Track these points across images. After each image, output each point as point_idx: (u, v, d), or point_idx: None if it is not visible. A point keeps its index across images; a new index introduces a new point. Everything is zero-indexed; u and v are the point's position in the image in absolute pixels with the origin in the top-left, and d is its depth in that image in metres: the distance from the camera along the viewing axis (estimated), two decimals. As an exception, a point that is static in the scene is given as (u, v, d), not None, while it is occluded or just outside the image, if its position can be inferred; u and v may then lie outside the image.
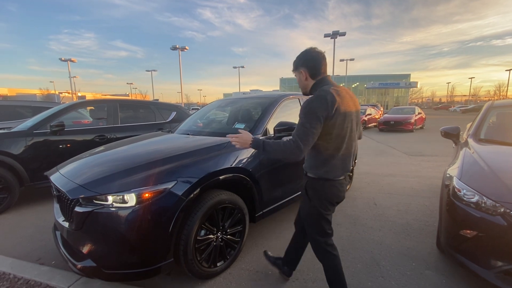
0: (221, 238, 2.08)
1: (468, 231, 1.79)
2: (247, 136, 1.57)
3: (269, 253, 2.19)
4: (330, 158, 1.49)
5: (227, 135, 1.72)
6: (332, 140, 1.46)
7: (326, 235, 1.62)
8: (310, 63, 1.56)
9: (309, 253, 2.39)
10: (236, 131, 2.70)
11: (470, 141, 2.68)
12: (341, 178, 1.56)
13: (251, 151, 2.35)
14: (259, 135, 2.51)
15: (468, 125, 3.44)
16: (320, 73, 1.56)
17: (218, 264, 2.08)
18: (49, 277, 2.02)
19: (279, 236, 2.72)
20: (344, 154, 1.52)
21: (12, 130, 3.68)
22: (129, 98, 35.23)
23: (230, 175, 2.15)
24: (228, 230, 2.15)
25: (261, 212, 2.48)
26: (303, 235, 1.87)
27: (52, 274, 2.07)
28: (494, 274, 1.67)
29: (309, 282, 2.02)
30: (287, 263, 2.01)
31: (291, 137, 1.43)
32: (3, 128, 3.99)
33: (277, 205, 2.66)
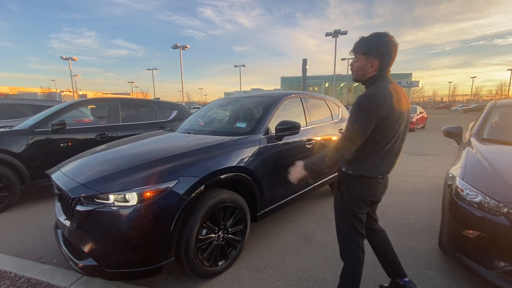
0: (222, 237, 2.08)
1: (470, 231, 1.78)
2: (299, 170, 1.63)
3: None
4: (372, 156, 1.44)
5: None
6: (380, 139, 1.40)
7: (357, 233, 1.55)
8: (386, 57, 1.40)
9: (310, 252, 2.40)
10: (237, 130, 2.72)
11: (473, 140, 2.67)
12: (379, 177, 1.50)
13: (252, 150, 2.34)
14: (261, 134, 2.50)
15: (471, 124, 3.42)
16: (388, 68, 1.44)
17: (219, 263, 2.07)
18: (51, 276, 2.02)
19: (280, 236, 2.72)
20: (388, 154, 1.45)
21: (13, 129, 3.68)
22: (130, 96, 35.26)
23: (232, 174, 2.14)
24: (230, 229, 2.14)
25: (263, 211, 2.47)
26: (377, 243, 1.79)
27: (53, 273, 2.07)
28: (497, 275, 1.66)
29: (311, 281, 2.01)
30: (392, 274, 1.77)
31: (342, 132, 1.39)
32: (5, 127, 3.99)
33: (278, 204, 2.65)
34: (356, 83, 1.62)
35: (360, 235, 1.57)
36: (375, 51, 1.40)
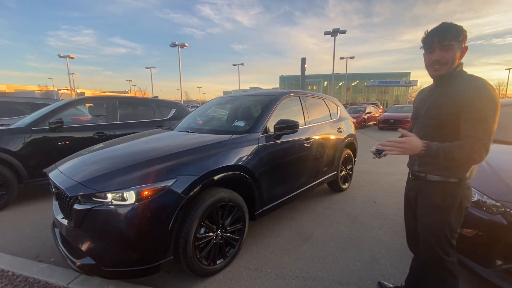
0: (220, 236, 2.08)
1: (468, 230, 1.79)
2: (416, 142, 1.22)
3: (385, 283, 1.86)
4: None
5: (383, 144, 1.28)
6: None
7: (453, 253, 1.37)
8: (465, 43, 1.28)
9: (308, 251, 2.40)
10: (236, 129, 2.72)
11: (471, 139, 2.67)
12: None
13: (251, 149, 2.34)
14: (259, 133, 2.50)
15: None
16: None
17: (217, 262, 2.07)
18: (48, 275, 2.02)
19: (279, 234, 2.72)
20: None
21: (10, 127, 3.66)
22: (128, 95, 35.13)
23: (230, 173, 2.14)
24: (228, 228, 2.14)
25: (261, 210, 2.47)
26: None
27: (51, 272, 2.06)
28: (494, 273, 1.67)
29: (309, 280, 2.02)
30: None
31: (470, 138, 1.20)
32: (2, 125, 3.96)
33: (277, 203, 2.65)
34: (355, 82, 1.60)
35: (454, 250, 1.38)
36: (465, 35, 1.26)
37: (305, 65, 20.67)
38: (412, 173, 1.48)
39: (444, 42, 1.25)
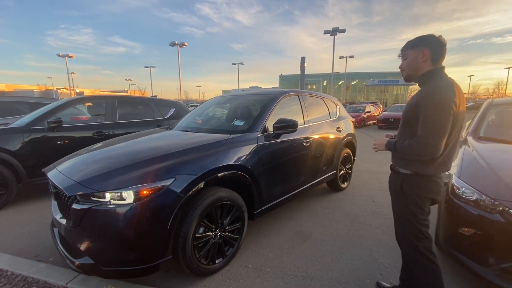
0: (219, 235, 2.08)
1: (466, 229, 1.79)
2: (382, 140, 1.61)
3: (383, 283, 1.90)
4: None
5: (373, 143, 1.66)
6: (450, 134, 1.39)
7: (423, 238, 1.49)
8: (436, 45, 1.43)
9: (307, 250, 2.41)
10: (235, 128, 2.72)
11: (470, 139, 2.68)
12: (440, 175, 1.48)
13: (250, 148, 2.34)
14: (258, 133, 2.50)
15: (468, 123, 3.43)
16: (440, 61, 1.46)
17: (216, 261, 2.08)
18: (47, 274, 2.02)
19: (278, 234, 2.73)
20: (450, 153, 1.45)
21: (9, 126, 3.65)
22: (128, 94, 35.08)
23: (229, 172, 2.14)
24: (227, 228, 2.14)
25: (260, 210, 2.47)
26: None
27: (50, 271, 2.06)
28: (493, 272, 1.67)
29: (308, 279, 2.02)
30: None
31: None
32: (1, 124, 3.95)
33: (276, 202, 2.65)
34: (354, 81, 1.67)
35: (428, 240, 1.51)
36: (425, 42, 1.45)
37: (305, 64, 20.65)
38: (391, 166, 1.66)
39: (402, 54, 1.56)
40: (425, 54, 1.45)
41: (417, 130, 1.40)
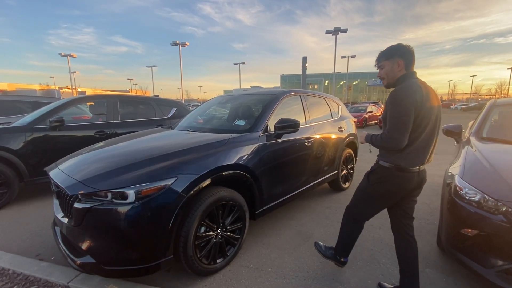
0: (221, 235, 2.08)
1: (469, 230, 1.78)
2: (363, 134, 1.84)
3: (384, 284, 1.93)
4: (405, 147, 1.55)
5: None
6: (412, 131, 1.53)
7: (362, 219, 1.89)
8: (407, 55, 1.61)
9: (309, 250, 2.40)
10: (236, 128, 2.71)
11: (472, 139, 2.67)
12: (414, 168, 1.61)
13: (251, 148, 2.34)
14: (260, 132, 2.49)
15: (470, 123, 3.41)
16: (412, 67, 1.64)
17: (218, 261, 2.07)
18: (49, 273, 2.02)
19: (279, 234, 2.72)
20: (420, 146, 1.57)
21: (11, 126, 3.66)
22: (129, 94, 35.15)
23: (231, 172, 2.14)
24: (228, 227, 2.14)
25: (261, 209, 2.47)
26: (401, 237, 1.78)
27: (51, 270, 2.06)
28: (495, 273, 1.66)
29: (309, 279, 2.01)
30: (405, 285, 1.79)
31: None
32: (3, 123, 3.97)
33: (277, 202, 2.65)
34: (356, 81, 1.72)
35: (363, 221, 1.91)
36: (398, 53, 1.62)
37: (306, 64, 20.64)
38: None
39: (378, 63, 1.71)
40: (399, 64, 1.62)
41: None
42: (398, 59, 1.61)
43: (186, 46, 31.79)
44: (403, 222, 1.77)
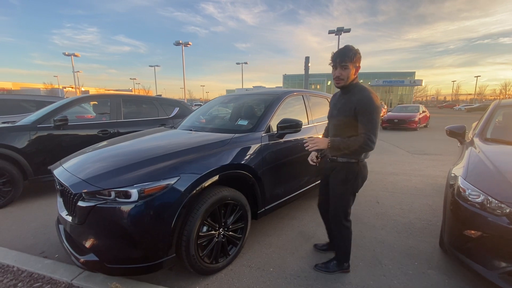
0: (223, 234, 2.08)
1: (472, 232, 1.78)
2: (323, 139, 1.82)
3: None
4: None
5: (304, 140, 1.89)
6: None
7: (348, 215, 1.97)
8: (359, 62, 1.81)
9: (311, 250, 2.40)
10: (239, 128, 2.72)
11: (476, 140, 2.65)
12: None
13: (254, 148, 2.34)
14: (262, 132, 2.50)
15: (474, 124, 3.39)
16: None
17: (219, 260, 2.08)
18: (52, 270, 2.04)
19: (281, 233, 2.72)
20: None
21: (16, 124, 3.70)
22: (132, 93, 35.29)
23: (233, 171, 2.14)
24: (230, 227, 2.15)
25: (263, 209, 2.47)
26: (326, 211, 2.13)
27: (55, 267, 2.08)
28: (498, 275, 1.65)
29: (311, 280, 2.02)
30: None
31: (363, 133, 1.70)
32: (8, 122, 4.01)
33: (279, 202, 2.65)
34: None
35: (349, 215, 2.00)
36: (359, 60, 1.79)
37: (309, 64, 20.61)
38: (329, 158, 1.98)
39: (342, 63, 1.75)
40: (357, 69, 1.80)
41: (356, 129, 1.74)
42: (357, 64, 1.79)
43: (189, 45, 31.83)
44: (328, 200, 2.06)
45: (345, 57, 1.74)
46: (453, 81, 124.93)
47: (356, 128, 1.75)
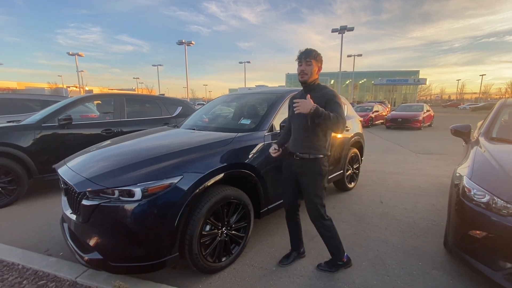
0: (226, 233, 2.09)
1: (477, 232, 1.76)
2: (309, 102, 1.72)
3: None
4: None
5: (294, 100, 1.84)
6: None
7: (325, 210, 2.01)
8: (321, 64, 1.98)
9: (313, 249, 2.40)
10: (242, 127, 2.72)
11: (482, 139, 2.62)
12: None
13: (256, 147, 2.34)
14: (265, 131, 2.49)
15: (479, 123, 3.36)
16: None
17: (222, 259, 2.08)
18: (57, 268, 2.06)
19: (283, 233, 2.72)
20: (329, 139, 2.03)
21: (21, 123, 3.74)
22: (136, 92, 35.44)
23: (236, 170, 2.15)
24: (233, 226, 2.15)
25: (266, 209, 2.47)
26: (296, 222, 2.26)
27: (59, 265, 2.10)
28: (503, 276, 1.64)
29: (314, 279, 2.01)
30: (294, 248, 2.31)
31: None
32: (13, 121, 4.05)
33: (282, 201, 2.64)
34: (362, 80, 1.73)
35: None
36: (320, 57, 1.95)
37: (312, 63, 20.48)
38: (297, 155, 1.99)
39: (307, 59, 1.90)
40: (319, 69, 1.97)
41: (321, 129, 1.90)
42: (320, 63, 1.95)
43: (191, 45, 31.90)
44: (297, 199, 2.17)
45: (309, 55, 1.89)
46: (458, 80, 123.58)
47: (321, 126, 1.85)
